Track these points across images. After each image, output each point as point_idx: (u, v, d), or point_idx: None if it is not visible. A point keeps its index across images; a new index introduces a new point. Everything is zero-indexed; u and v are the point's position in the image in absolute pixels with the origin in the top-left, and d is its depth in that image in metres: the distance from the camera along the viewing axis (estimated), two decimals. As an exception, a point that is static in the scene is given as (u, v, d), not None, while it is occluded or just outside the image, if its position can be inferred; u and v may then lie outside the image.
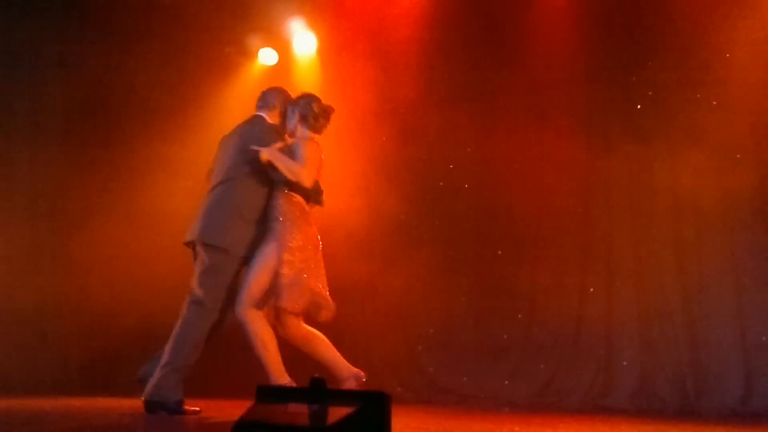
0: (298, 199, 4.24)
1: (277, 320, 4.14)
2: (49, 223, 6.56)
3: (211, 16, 6.55)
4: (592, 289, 5.99)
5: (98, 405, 4.69)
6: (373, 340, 6.47)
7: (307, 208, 4.29)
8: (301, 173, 4.13)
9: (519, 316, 6.20)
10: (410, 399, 5.99)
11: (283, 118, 4.50)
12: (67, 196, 6.58)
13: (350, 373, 4.12)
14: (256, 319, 4.05)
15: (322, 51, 6.87)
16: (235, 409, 3.24)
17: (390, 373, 6.36)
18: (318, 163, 4.24)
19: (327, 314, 4.16)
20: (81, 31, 6.66)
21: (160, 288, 5.95)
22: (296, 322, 4.13)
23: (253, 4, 6.58)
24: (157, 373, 4.04)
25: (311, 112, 4.37)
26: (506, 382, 6.05)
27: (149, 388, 4.03)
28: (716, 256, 5.62)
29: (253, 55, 6.93)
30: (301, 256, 4.10)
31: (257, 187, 4.26)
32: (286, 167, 4.13)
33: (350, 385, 4.07)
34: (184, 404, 4.08)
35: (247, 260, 4.20)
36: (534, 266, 6.20)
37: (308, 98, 4.45)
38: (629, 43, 6.06)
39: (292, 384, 3.92)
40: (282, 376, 4.04)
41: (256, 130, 4.36)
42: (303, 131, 4.38)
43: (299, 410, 2.22)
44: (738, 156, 5.56)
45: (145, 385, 4.08)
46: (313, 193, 4.31)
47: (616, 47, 6.11)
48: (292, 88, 6.75)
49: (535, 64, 6.27)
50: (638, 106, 6.00)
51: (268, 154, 4.14)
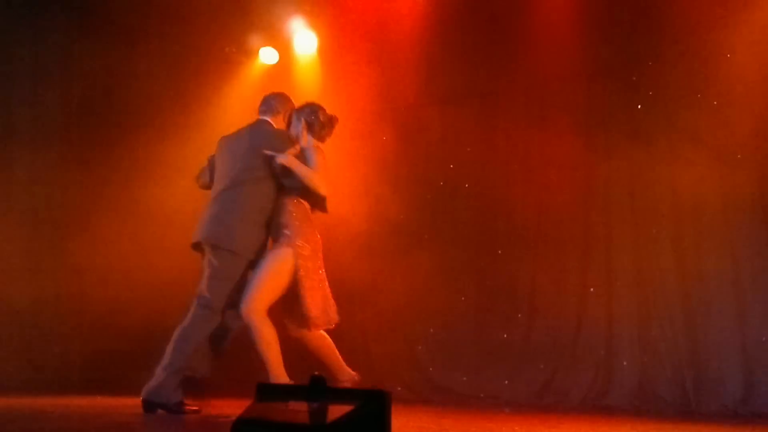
0: (306, 205, 4.33)
1: (297, 325, 4.24)
2: (49, 223, 6.56)
3: (212, 15, 6.56)
4: (592, 289, 5.98)
5: (98, 404, 4.69)
6: (373, 340, 6.48)
7: (311, 214, 4.36)
8: (320, 182, 4.22)
9: (519, 315, 6.21)
10: (410, 398, 6.00)
11: (288, 125, 4.51)
12: (67, 196, 6.58)
13: (349, 376, 4.25)
14: (263, 320, 4.10)
15: (322, 50, 6.88)
16: (235, 409, 3.23)
17: (390, 373, 6.36)
18: (329, 171, 4.33)
19: (334, 320, 4.27)
20: (81, 31, 6.66)
21: (159, 288, 5.96)
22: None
23: (254, 4, 6.59)
24: (159, 374, 4.04)
25: (317, 121, 4.44)
26: (506, 382, 6.06)
27: (150, 388, 4.03)
28: (716, 256, 5.60)
29: (253, 54, 6.94)
30: (313, 265, 4.21)
31: (266, 192, 4.28)
32: (305, 175, 4.21)
33: (345, 387, 4.13)
34: (184, 405, 4.09)
35: (254, 264, 4.23)
36: (534, 266, 6.20)
37: (314, 107, 4.49)
38: (630, 43, 6.05)
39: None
40: (282, 377, 4.08)
41: (267, 135, 4.36)
42: (309, 139, 4.42)
43: (299, 408, 2.22)
44: (738, 156, 5.55)
45: (199, 378, 4.14)
46: (320, 200, 4.36)
47: (617, 47, 6.10)
48: (292, 87, 6.85)
49: (535, 64, 6.27)
50: (639, 106, 6.00)
51: (288, 161, 4.19)
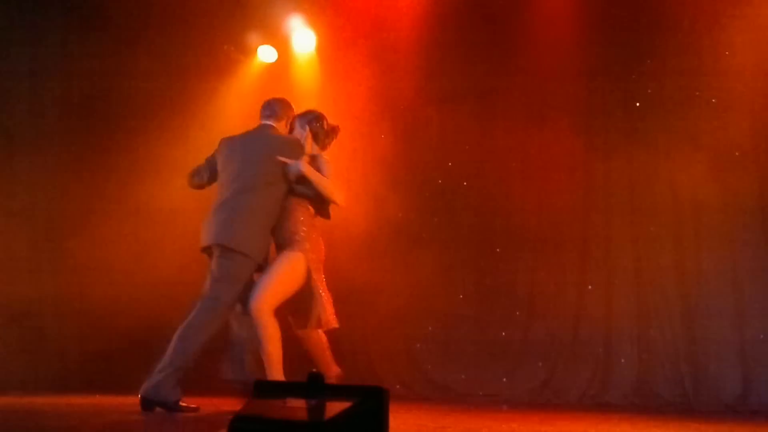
0: (311, 211, 4.38)
1: (300, 325, 4.31)
2: (49, 223, 6.54)
3: (211, 13, 6.54)
4: (590, 287, 6.00)
5: (97, 403, 4.69)
6: (372, 338, 6.47)
7: (314, 219, 4.43)
8: (338, 192, 4.31)
9: (517, 314, 6.21)
10: (409, 396, 5.99)
11: (289, 131, 4.52)
12: (67, 196, 6.56)
13: (335, 373, 4.35)
14: (271, 318, 4.14)
15: (321, 48, 6.87)
16: (234, 407, 3.23)
17: (388, 371, 6.36)
18: (341, 180, 4.43)
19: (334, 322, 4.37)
20: (80, 31, 6.64)
21: (159, 287, 5.95)
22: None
23: (252, 2, 6.57)
24: (159, 372, 4.04)
25: (322, 131, 4.49)
26: (504, 380, 6.06)
27: (148, 386, 4.03)
28: (714, 254, 5.62)
29: (252, 52, 6.92)
30: (319, 270, 4.29)
31: (277, 197, 4.30)
32: (323, 184, 4.27)
33: (331, 383, 4.21)
34: (182, 403, 4.09)
35: (261, 267, 4.27)
36: (533, 264, 6.20)
37: (318, 116, 4.52)
38: (628, 41, 6.06)
39: None
40: (279, 377, 4.12)
41: (280, 142, 4.37)
42: (314, 148, 4.45)
43: (297, 405, 2.22)
44: (737, 153, 5.56)
45: (236, 383, 4.19)
46: (325, 206, 4.42)
47: (616, 45, 6.11)
48: (291, 86, 6.85)
49: (535, 63, 6.26)
50: (637, 104, 6.01)
51: (306, 170, 4.24)
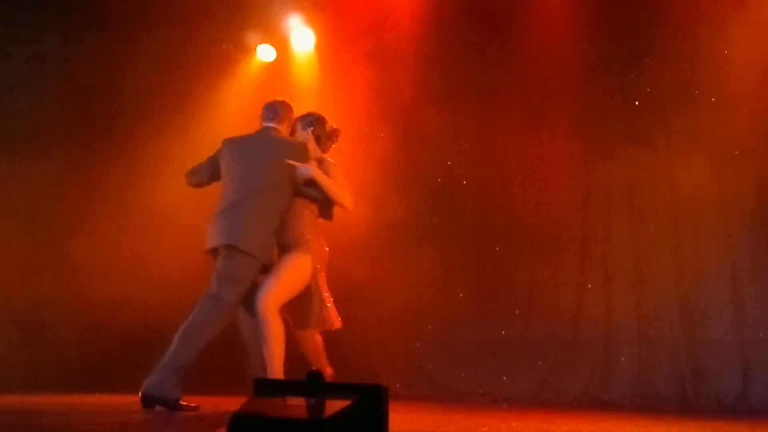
0: (316, 213, 4.40)
1: (300, 325, 4.33)
2: (49, 222, 6.54)
3: (210, 13, 6.55)
4: (590, 286, 5.99)
5: (97, 402, 4.69)
6: (372, 337, 6.48)
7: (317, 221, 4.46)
8: (348, 196, 4.33)
9: (517, 312, 6.21)
10: (408, 395, 6.00)
11: (290, 133, 4.52)
12: (66, 195, 6.56)
13: (330, 374, 4.38)
14: (277, 317, 4.16)
15: (320, 47, 6.87)
16: (233, 406, 3.23)
17: (388, 370, 6.37)
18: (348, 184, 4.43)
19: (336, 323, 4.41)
20: (79, 30, 6.65)
21: (159, 287, 5.95)
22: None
23: (252, 1, 6.58)
24: (160, 370, 4.03)
25: (324, 134, 4.50)
26: (504, 379, 6.07)
27: (150, 383, 4.03)
28: (714, 253, 5.62)
29: (251, 51, 6.93)
30: (324, 276, 4.34)
31: (284, 199, 4.31)
32: (332, 189, 4.29)
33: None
34: (181, 401, 4.09)
35: (266, 268, 4.28)
36: (532, 263, 6.21)
37: (320, 119, 4.52)
38: (627, 40, 6.06)
39: None
40: (279, 375, 4.12)
41: (289, 145, 4.37)
42: (317, 151, 4.46)
43: (297, 403, 2.22)
44: (736, 152, 5.56)
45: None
46: (329, 209, 4.44)
47: (615, 44, 6.11)
48: (290, 85, 6.85)
49: (534, 62, 6.27)
50: (636, 103, 6.01)
51: (316, 174, 4.26)
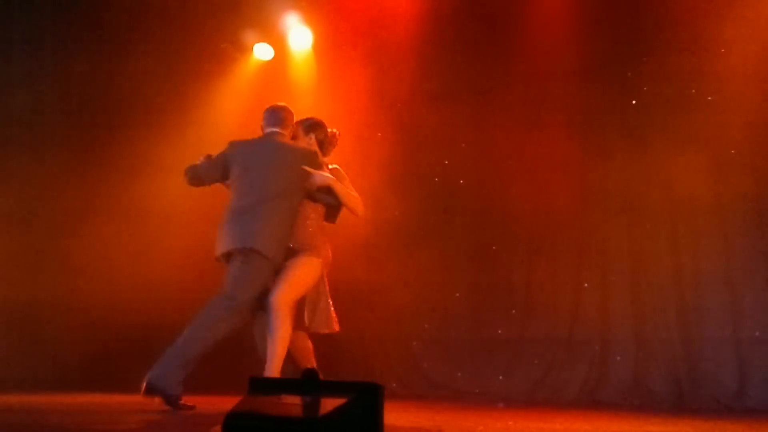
0: (323, 218, 4.43)
1: (303, 329, 4.34)
2: (47, 222, 6.52)
3: (207, 12, 6.54)
4: (586, 285, 6.00)
5: (96, 401, 4.69)
6: (369, 336, 6.48)
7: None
8: (360, 203, 4.36)
9: (513, 312, 6.22)
10: (405, 394, 6.00)
11: (291, 138, 4.51)
12: (65, 195, 6.54)
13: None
14: (288, 317, 4.17)
15: (317, 46, 6.87)
16: (230, 405, 3.23)
17: (385, 369, 6.37)
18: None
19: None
20: (78, 30, 6.64)
21: (158, 287, 5.94)
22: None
23: (249, 0, 6.57)
24: (167, 363, 4.02)
25: (327, 139, 4.51)
26: (501, 378, 6.07)
27: (155, 375, 4.00)
28: (710, 252, 5.62)
29: (248, 50, 6.92)
30: (326, 280, 4.37)
31: (295, 205, 4.34)
32: (347, 197, 4.32)
33: None
34: (180, 400, 4.09)
35: (276, 273, 4.29)
36: (529, 262, 6.21)
37: (320, 124, 4.53)
38: (625, 39, 6.06)
39: None
40: (277, 374, 4.12)
41: (301, 152, 4.38)
42: (320, 156, 4.47)
43: (292, 402, 2.22)
44: (733, 152, 5.56)
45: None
46: (335, 213, 4.45)
47: (612, 43, 6.10)
48: (287, 84, 6.85)
49: (531, 61, 6.27)
50: (633, 102, 6.02)
51: (332, 182, 4.29)
